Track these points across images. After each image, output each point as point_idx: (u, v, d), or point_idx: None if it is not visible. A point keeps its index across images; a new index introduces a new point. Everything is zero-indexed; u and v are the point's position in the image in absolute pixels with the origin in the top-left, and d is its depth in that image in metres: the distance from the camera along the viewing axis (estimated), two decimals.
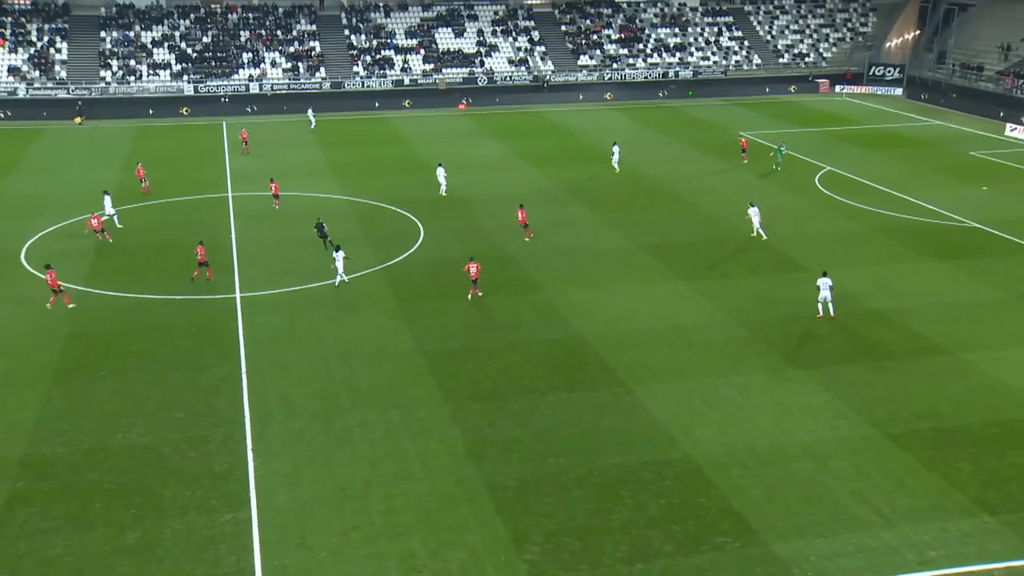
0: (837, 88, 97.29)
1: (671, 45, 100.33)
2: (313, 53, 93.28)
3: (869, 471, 26.85)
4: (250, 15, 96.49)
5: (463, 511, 25.08)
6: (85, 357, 34.01)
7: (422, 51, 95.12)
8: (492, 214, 51.40)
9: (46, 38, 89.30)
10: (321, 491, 25.87)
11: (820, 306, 37.55)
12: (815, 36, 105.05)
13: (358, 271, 42.49)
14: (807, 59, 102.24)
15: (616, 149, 62.49)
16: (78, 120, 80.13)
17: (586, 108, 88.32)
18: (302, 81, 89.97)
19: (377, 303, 39.11)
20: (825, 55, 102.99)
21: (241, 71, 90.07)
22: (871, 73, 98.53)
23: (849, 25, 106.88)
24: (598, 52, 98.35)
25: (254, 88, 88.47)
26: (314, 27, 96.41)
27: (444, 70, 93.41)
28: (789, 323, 37.08)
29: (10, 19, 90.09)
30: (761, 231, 47.75)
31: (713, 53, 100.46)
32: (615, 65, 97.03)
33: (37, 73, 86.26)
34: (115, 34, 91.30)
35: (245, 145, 68.19)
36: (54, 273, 38.62)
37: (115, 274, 42.19)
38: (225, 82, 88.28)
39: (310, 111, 78.84)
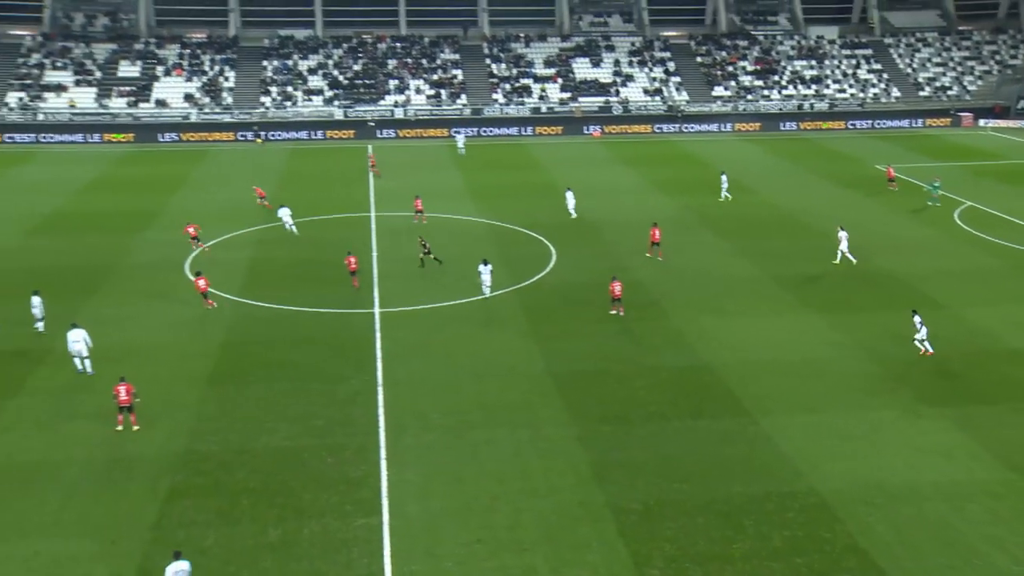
0: (981, 122, 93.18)
1: (807, 77, 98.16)
2: (455, 81, 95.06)
3: (1007, 517, 25.45)
4: (398, 45, 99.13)
5: (586, 531, 24.94)
6: (237, 364, 35.36)
7: (559, 80, 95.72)
8: (623, 239, 51.16)
9: (217, 67, 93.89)
10: (449, 503, 26.14)
11: (919, 344, 36.10)
12: (959, 69, 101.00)
13: (492, 292, 42.87)
14: (950, 92, 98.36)
15: (724, 179, 61.55)
16: (259, 141, 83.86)
17: (719, 138, 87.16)
18: (444, 107, 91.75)
19: (509, 323, 39.39)
20: (969, 88, 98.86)
21: (387, 97, 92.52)
22: (1020, 107, 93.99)
23: (997, 57, 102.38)
24: (732, 83, 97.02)
25: (399, 113, 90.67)
26: (457, 56, 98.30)
27: (580, 98, 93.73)
28: (922, 360, 35.59)
29: (188, 51, 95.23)
30: (849, 256, 46.52)
31: (850, 85, 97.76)
32: (749, 96, 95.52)
33: (207, 99, 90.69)
34: (276, 63, 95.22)
35: (373, 167, 69.90)
36: (204, 279, 40.70)
37: (265, 287, 43.76)
38: (372, 107, 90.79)
39: (460, 137, 79.69)
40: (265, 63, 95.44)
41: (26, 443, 29.33)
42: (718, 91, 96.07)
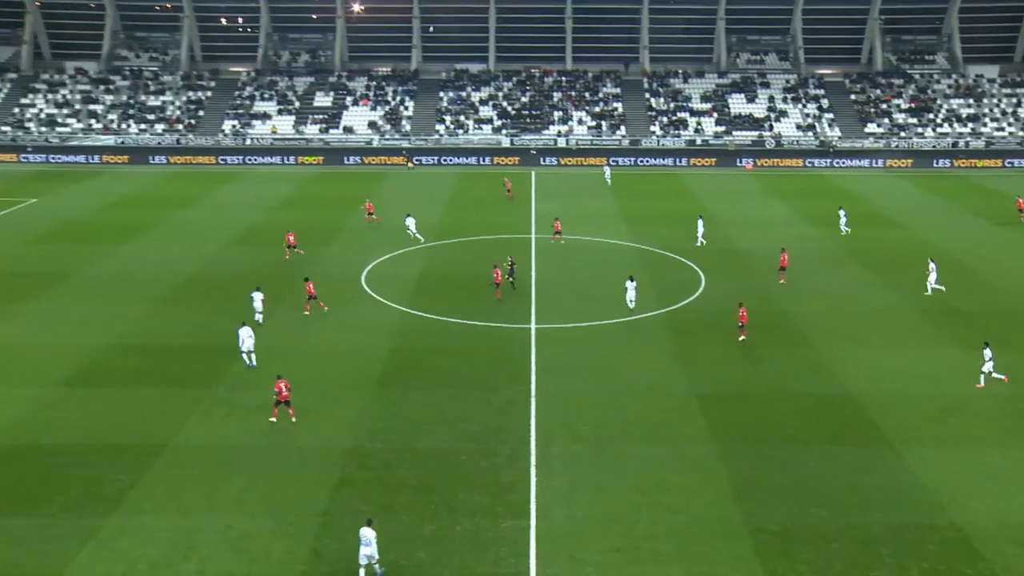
0: None
1: (963, 115, 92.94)
2: (615, 113, 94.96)
3: None
4: (563, 79, 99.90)
5: (722, 547, 24.27)
6: (402, 369, 36.28)
7: (715, 114, 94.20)
8: (772, 270, 49.70)
9: (398, 98, 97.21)
10: (593, 511, 25.96)
11: (983, 376, 34.01)
12: None
13: (640, 313, 42.50)
14: None
15: (843, 213, 59.01)
16: (410, 165, 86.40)
17: (870, 173, 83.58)
18: (604, 137, 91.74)
19: (656, 344, 38.88)
20: None
21: (551, 127, 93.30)
22: None
23: None
24: (886, 120, 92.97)
25: (561, 142, 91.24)
26: (618, 90, 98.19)
27: (734, 132, 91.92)
28: None
29: (374, 83, 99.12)
30: (938, 287, 44.71)
31: (1009, 124, 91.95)
32: (902, 133, 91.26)
33: (388, 126, 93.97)
34: (451, 94, 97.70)
35: (509, 192, 70.33)
36: (312, 284, 42.59)
37: (432, 300, 44.74)
38: (537, 136, 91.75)
39: (607, 168, 79.50)
40: (441, 94, 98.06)
41: (222, 429, 30.98)
42: (871, 128, 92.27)
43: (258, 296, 41.41)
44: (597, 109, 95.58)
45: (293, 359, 37.13)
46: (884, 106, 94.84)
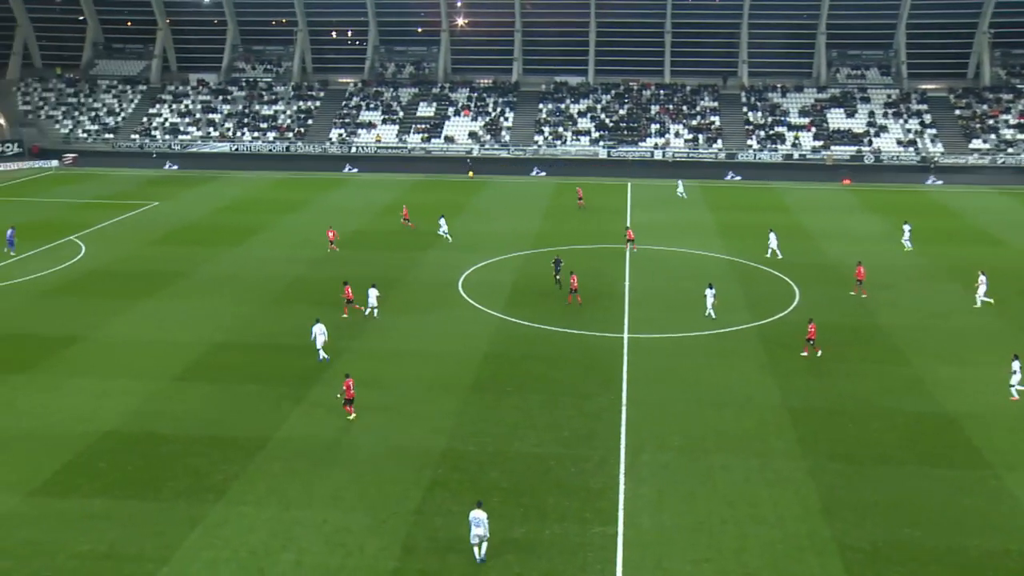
0: None
1: None
2: (713, 126, 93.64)
3: None
4: (661, 92, 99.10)
5: (811, 563, 23.56)
6: (496, 374, 36.43)
7: (813, 129, 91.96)
8: (868, 284, 48.10)
9: (499, 109, 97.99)
10: (681, 521, 25.56)
11: (1013, 389, 32.54)
12: None
13: (733, 325, 41.71)
14: None
15: (907, 228, 56.62)
16: (470, 174, 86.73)
17: (974, 190, 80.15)
18: (700, 151, 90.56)
19: (749, 357, 38.09)
20: None
21: (648, 140, 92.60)
22: None
23: None
24: (992, 136, 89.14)
25: (657, 155, 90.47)
26: (716, 103, 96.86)
27: (833, 147, 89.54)
28: None
29: (475, 94, 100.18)
30: (986, 299, 43.71)
31: None
32: (1010, 149, 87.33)
33: (488, 137, 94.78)
34: (550, 106, 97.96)
35: (580, 201, 69.90)
36: (350, 288, 42.98)
37: (525, 307, 44.83)
38: (633, 148, 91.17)
39: (680, 183, 77.64)
40: (540, 105, 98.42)
41: (321, 426, 31.66)
42: (976, 143, 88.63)
43: (373, 292, 42.98)
44: (694, 123, 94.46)
45: (390, 361, 37.76)
46: (991, 121, 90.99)
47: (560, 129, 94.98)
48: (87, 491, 27.15)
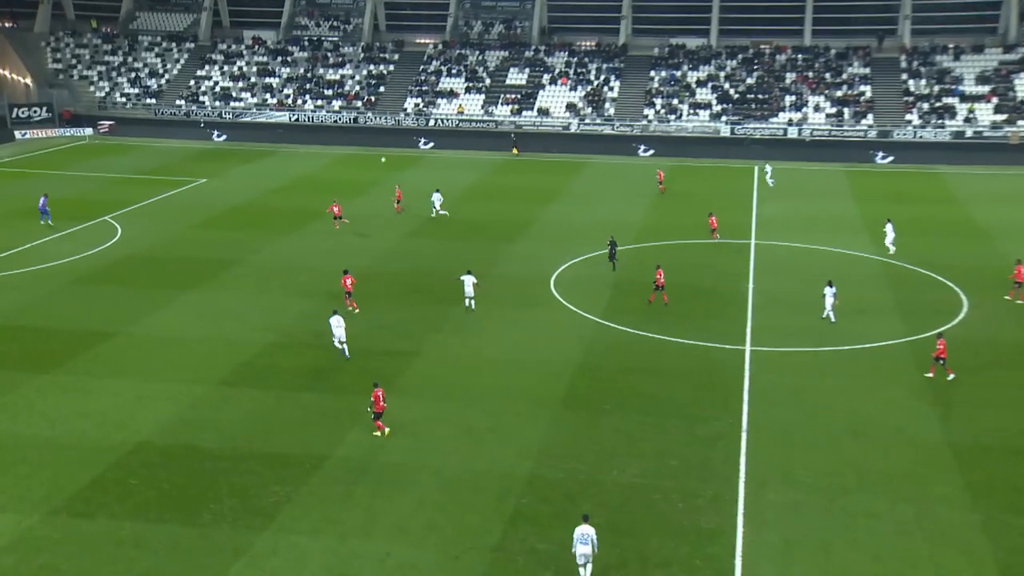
0: None
1: None
2: (862, 98, 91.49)
3: None
4: (799, 56, 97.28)
5: None
6: (591, 389, 36.33)
7: (994, 99, 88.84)
8: None
9: (602, 77, 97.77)
10: (812, 575, 25.00)
11: None
12: None
13: (881, 340, 40.65)
14: None
15: (889, 228, 54.45)
16: (515, 151, 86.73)
17: None
18: (844, 128, 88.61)
19: (900, 379, 37.07)
20: None
21: (781, 114, 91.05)
22: None
23: None
24: None
25: (792, 132, 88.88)
26: (867, 70, 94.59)
27: (1020, 122, 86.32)
28: None
29: (575, 59, 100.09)
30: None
31: None
32: None
33: (589, 110, 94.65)
34: (663, 74, 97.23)
35: (661, 186, 70.14)
36: (351, 277, 44.49)
37: (629, 310, 44.57)
38: (763, 125, 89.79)
39: (768, 167, 75.63)
40: (652, 73, 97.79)
41: (387, 444, 32.04)
42: None
43: (469, 280, 44.10)
44: (839, 93, 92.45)
45: (467, 369, 38.04)
46: None
47: (675, 101, 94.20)
48: (116, 512, 28.03)
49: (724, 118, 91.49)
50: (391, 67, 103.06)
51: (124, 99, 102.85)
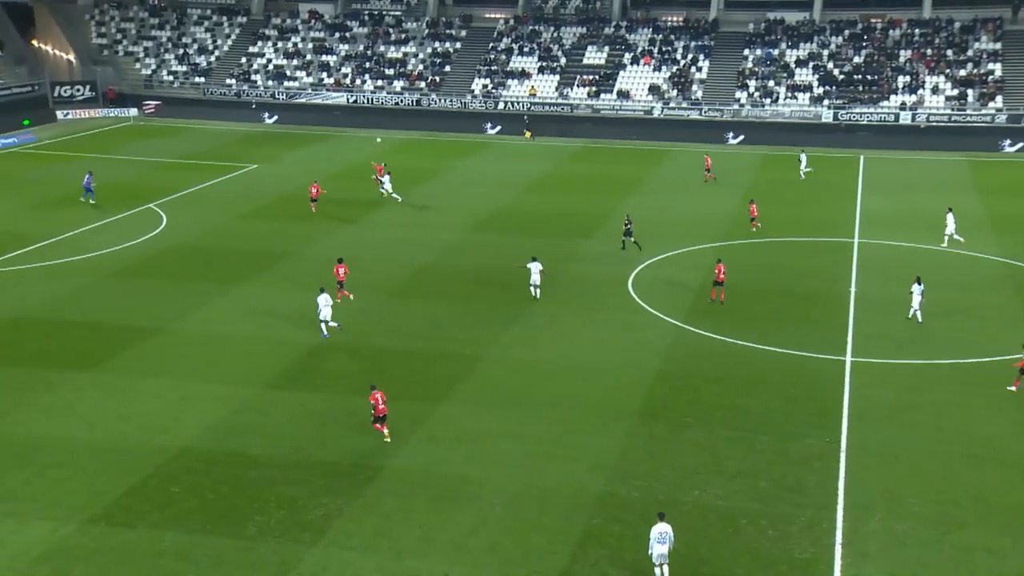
0: None
1: None
2: (990, 78, 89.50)
3: None
4: (916, 31, 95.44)
5: None
6: (672, 399, 36.24)
7: None
8: None
9: (690, 56, 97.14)
10: None
11: None
12: None
13: (1005, 353, 39.84)
14: None
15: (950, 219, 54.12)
16: (527, 134, 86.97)
17: None
18: (968, 112, 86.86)
19: None
20: None
21: (892, 97, 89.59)
22: None
23: None
24: None
25: (904, 118, 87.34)
26: (998, 46, 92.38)
27: None
28: None
29: (660, 36, 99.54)
30: None
31: None
32: None
33: (674, 92, 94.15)
34: (759, 52, 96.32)
35: (708, 173, 70.33)
36: (344, 267, 45.58)
37: (715, 314, 44.34)
38: (871, 109, 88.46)
39: (803, 156, 73.63)
40: (746, 51, 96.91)
41: (448, 454, 32.31)
42: None
43: (535, 267, 45.74)
44: (962, 73, 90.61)
45: (535, 374, 38.22)
46: None
47: (771, 83, 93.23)
48: (157, 521, 28.65)
49: (826, 102, 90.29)
50: (457, 44, 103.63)
51: (171, 77, 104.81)
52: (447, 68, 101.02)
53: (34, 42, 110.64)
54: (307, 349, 40.65)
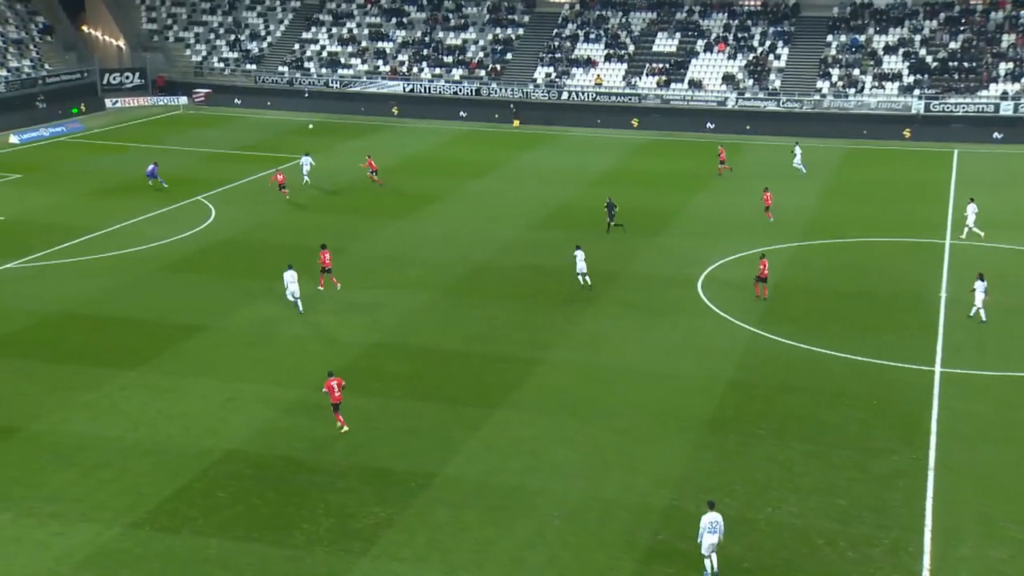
0: None
1: None
2: None
3: None
4: (1021, 13, 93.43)
5: None
6: (743, 409, 35.99)
7: None
8: None
9: (768, 43, 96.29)
10: None
11: None
12: None
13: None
14: None
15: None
16: (516, 123, 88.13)
17: None
18: None
19: None
20: None
21: (992, 87, 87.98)
22: None
23: None
24: None
25: (1006, 109, 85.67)
26: None
27: None
28: None
29: (736, 22, 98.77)
30: None
31: None
32: None
33: (750, 82, 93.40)
34: (843, 38, 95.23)
35: (723, 165, 70.81)
36: (328, 253, 46.96)
37: (791, 319, 44.00)
38: (966, 100, 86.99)
39: (798, 150, 72.16)
40: (830, 38, 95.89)
41: (505, 463, 32.36)
42: None
43: (580, 255, 47.32)
44: None
45: (598, 380, 38.21)
46: None
47: (856, 72, 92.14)
48: (202, 527, 29.02)
49: (917, 92, 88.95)
50: (520, 31, 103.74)
51: (222, 64, 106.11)
52: (508, 56, 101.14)
53: (84, 27, 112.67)
54: (358, 350, 40.94)
